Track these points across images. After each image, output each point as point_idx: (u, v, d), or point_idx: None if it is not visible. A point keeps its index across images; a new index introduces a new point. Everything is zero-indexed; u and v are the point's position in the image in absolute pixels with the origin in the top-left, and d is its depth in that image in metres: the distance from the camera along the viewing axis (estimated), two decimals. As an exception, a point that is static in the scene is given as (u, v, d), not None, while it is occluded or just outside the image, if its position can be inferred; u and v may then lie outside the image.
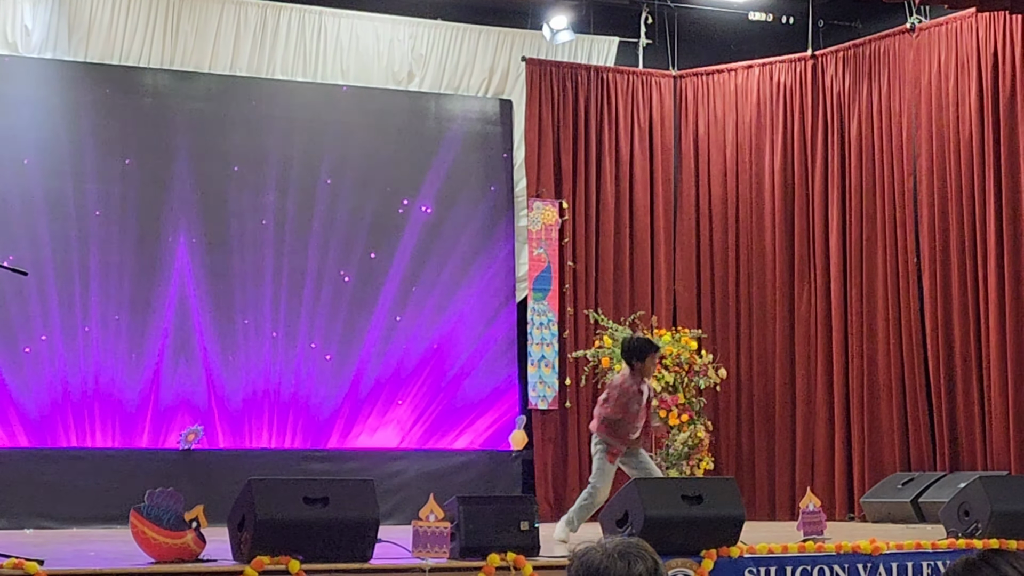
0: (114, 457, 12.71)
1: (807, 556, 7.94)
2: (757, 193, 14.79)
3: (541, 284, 14.41)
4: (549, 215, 14.47)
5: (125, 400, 12.95)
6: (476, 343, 14.27)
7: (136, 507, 6.85)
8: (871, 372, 13.69)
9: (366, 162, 14.09)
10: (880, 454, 13.52)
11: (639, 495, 7.66)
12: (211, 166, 13.54)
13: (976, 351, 12.87)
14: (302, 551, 6.70)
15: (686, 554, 7.54)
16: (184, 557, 6.83)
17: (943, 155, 13.23)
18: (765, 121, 14.83)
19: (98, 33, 13.25)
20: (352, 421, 13.71)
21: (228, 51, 13.69)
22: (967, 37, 13.12)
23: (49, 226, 12.89)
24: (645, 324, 14.10)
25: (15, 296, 12.59)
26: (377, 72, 14.28)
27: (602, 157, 14.84)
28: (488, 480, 13.90)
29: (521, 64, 14.70)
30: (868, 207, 13.89)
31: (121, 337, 13.01)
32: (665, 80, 15.24)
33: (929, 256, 13.26)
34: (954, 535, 8.59)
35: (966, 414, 12.89)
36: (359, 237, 13.96)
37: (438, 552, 7.19)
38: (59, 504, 12.27)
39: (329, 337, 13.72)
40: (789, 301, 14.49)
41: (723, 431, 14.54)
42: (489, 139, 14.72)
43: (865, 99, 14.06)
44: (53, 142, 13.02)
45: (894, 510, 12.44)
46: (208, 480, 12.31)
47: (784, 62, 14.80)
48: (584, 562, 3.21)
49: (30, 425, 12.61)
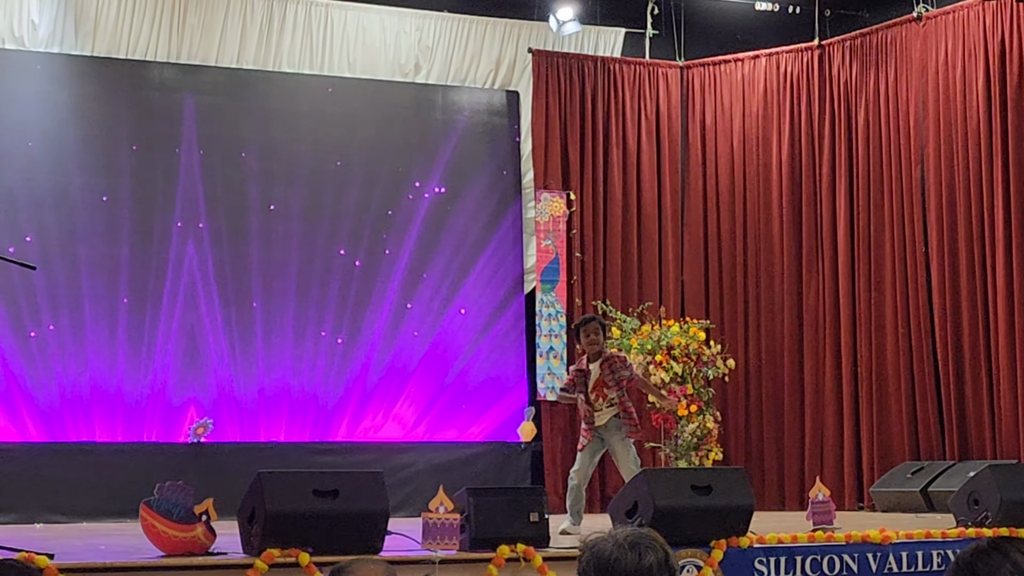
0: (123, 451, 12.72)
1: (817, 546, 7.93)
2: (764, 183, 14.78)
3: (549, 275, 14.41)
4: (557, 206, 14.47)
5: (134, 393, 12.97)
6: (485, 335, 14.28)
7: (146, 500, 6.86)
8: (880, 361, 13.68)
9: (373, 155, 14.09)
10: (889, 443, 13.51)
11: (648, 486, 7.66)
12: (218, 159, 13.55)
13: (985, 339, 12.86)
14: (312, 543, 6.70)
15: (696, 544, 7.54)
16: (194, 550, 6.84)
17: (951, 144, 13.21)
18: (772, 111, 14.81)
19: (104, 27, 13.26)
20: (361, 413, 13.72)
21: (235, 44, 13.69)
22: (974, 25, 13.10)
23: (56, 219, 12.90)
24: (653, 315, 14.09)
25: (24, 289, 12.60)
26: (384, 64, 14.28)
27: (609, 148, 14.83)
28: (497, 472, 13.91)
29: (528, 55, 14.69)
30: (876, 196, 13.88)
31: (130, 330, 13.03)
32: (672, 71, 15.22)
33: (937, 245, 13.24)
34: (964, 524, 8.59)
35: (975, 403, 12.88)
36: (366, 229, 13.96)
37: (448, 544, 7.20)
38: (69, 498, 12.28)
39: (337, 330, 13.73)
40: (797, 291, 14.48)
41: (732, 421, 14.53)
42: (496, 131, 14.72)
43: (872, 88, 14.04)
44: (60, 136, 13.03)
45: (903, 499, 12.43)
46: (217, 473, 12.31)
47: (791, 52, 14.78)
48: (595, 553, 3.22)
49: (39, 419, 12.63)
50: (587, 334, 10.28)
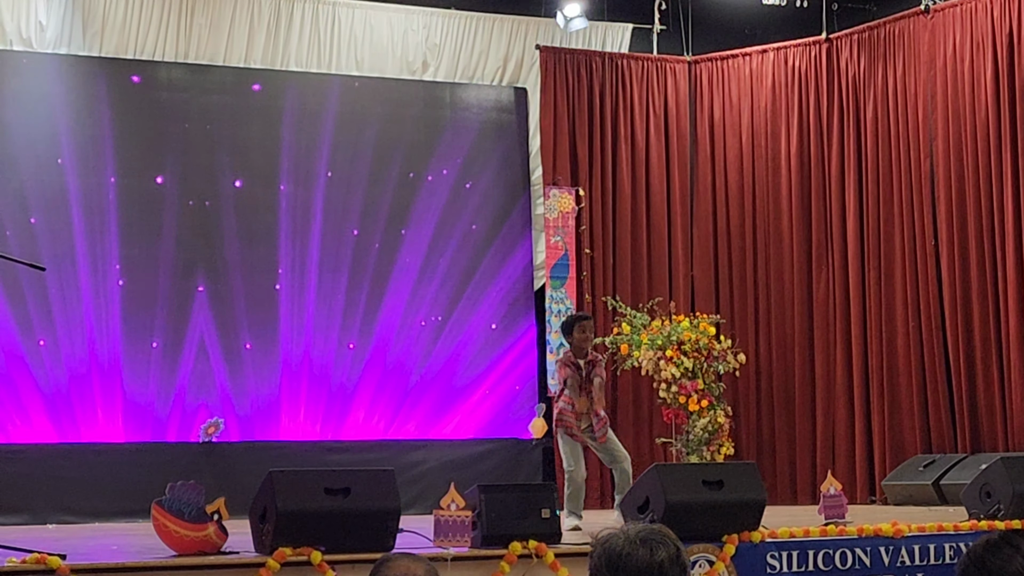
0: (135, 451, 12.73)
1: (829, 540, 7.93)
2: (773, 177, 14.77)
3: (559, 272, 14.41)
4: (566, 203, 14.46)
5: (145, 393, 12.98)
6: (494, 331, 14.28)
7: (158, 500, 6.86)
8: (890, 355, 13.67)
9: (381, 152, 14.09)
10: (901, 436, 13.49)
11: (660, 481, 7.66)
12: (226, 158, 13.56)
13: (995, 332, 12.84)
14: (324, 542, 6.71)
15: (708, 539, 7.53)
16: (206, 550, 6.84)
17: (960, 136, 13.19)
18: (780, 105, 14.80)
19: (112, 28, 13.26)
20: (372, 411, 13.73)
21: (242, 44, 13.70)
22: (982, 17, 13.07)
23: (65, 219, 12.92)
24: (663, 310, 14.08)
25: (33, 290, 12.62)
26: (392, 62, 14.28)
27: (618, 144, 14.82)
28: (508, 468, 13.90)
29: (535, 52, 14.68)
30: (885, 190, 13.86)
31: (141, 330, 13.04)
32: (680, 66, 15.21)
33: (947, 238, 13.22)
34: (976, 516, 8.57)
35: (986, 395, 12.87)
36: (375, 227, 13.96)
37: (460, 541, 7.20)
38: (81, 498, 12.30)
39: (347, 328, 13.74)
40: (807, 285, 14.47)
41: (743, 416, 14.52)
42: (504, 128, 14.72)
43: (880, 82, 14.02)
44: (69, 137, 13.04)
45: (915, 492, 12.42)
46: (229, 472, 12.34)
47: (799, 46, 14.76)
48: (607, 548, 3.22)
49: (51, 419, 12.65)
50: (584, 330, 10.24)
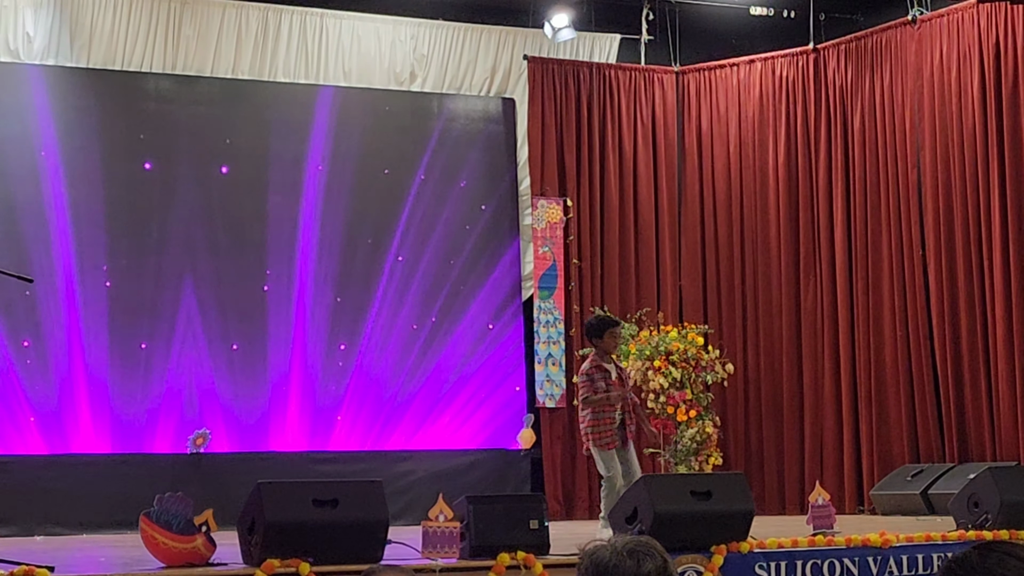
0: (123, 462, 12.71)
1: (817, 550, 7.94)
2: (761, 188, 14.79)
3: (547, 282, 14.42)
4: (554, 213, 14.47)
5: (133, 404, 12.96)
6: (482, 342, 14.27)
7: (146, 512, 6.86)
8: (878, 365, 13.68)
9: (369, 163, 14.09)
10: (889, 446, 13.51)
11: (648, 492, 7.67)
12: (214, 169, 13.55)
13: (983, 342, 12.86)
14: (312, 553, 6.71)
15: (696, 550, 7.54)
16: (194, 561, 6.84)
17: (947, 146, 13.22)
18: (768, 115, 14.83)
19: (100, 39, 13.25)
20: (359, 422, 13.72)
21: (230, 55, 13.70)
22: (968, 28, 13.11)
23: (53, 230, 12.90)
24: (651, 320, 14.10)
25: (22, 301, 12.60)
26: (379, 73, 14.28)
27: (605, 154, 14.84)
28: (497, 479, 13.90)
29: (523, 63, 14.70)
30: (872, 200, 13.89)
31: (130, 340, 13.02)
32: (667, 76, 15.23)
33: (934, 248, 13.25)
34: (964, 526, 8.60)
35: (974, 405, 12.89)
36: (363, 237, 13.96)
37: (448, 552, 7.20)
38: (69, 510, 12.28)
39: (334, 339, 13.73)
40: (795, 295, 14.48)
41: (731, 426, 14.52)
42: (492, 138, 14.73)
43: (867, 92, 14.05)
44: (56, 148, 13.02)
45: (904, 502, 12.43)
46: (217, 484, 12.31)
47: (786, 56, 14.79)
48: (594, 560, 3.22)
49: (39, 430, 12.62)
50: (615, 336, 10.28)
